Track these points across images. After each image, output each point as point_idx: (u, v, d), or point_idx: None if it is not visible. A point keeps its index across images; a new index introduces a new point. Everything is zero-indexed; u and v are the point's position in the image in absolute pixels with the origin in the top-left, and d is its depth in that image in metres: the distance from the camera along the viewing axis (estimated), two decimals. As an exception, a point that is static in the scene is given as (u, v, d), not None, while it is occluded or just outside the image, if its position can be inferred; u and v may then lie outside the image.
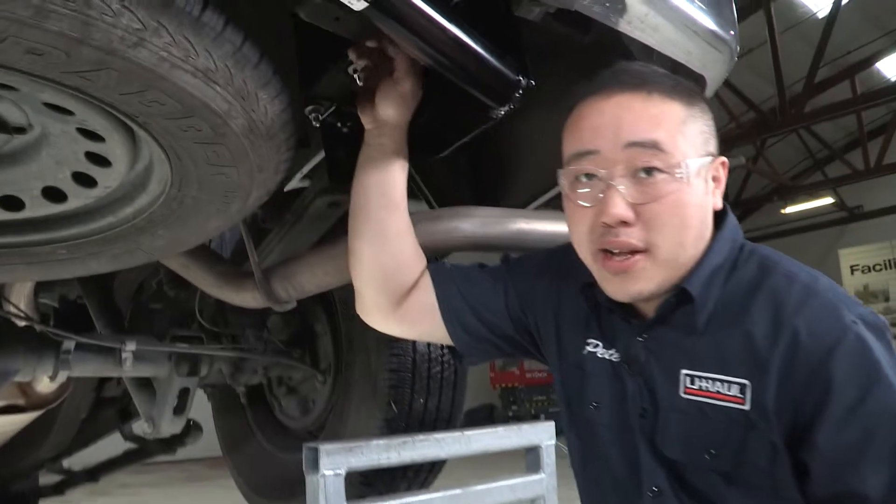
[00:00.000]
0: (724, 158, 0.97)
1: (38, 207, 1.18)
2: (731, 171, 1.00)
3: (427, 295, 1.17)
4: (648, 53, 1.11)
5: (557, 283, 1.14)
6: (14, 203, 1.16)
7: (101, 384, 2.66)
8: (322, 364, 2.13)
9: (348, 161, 1.37)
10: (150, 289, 2.41)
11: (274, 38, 0.92)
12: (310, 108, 1.19)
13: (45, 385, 2.21)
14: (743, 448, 0.88)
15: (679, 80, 0.99)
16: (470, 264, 1.25)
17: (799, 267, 0.94)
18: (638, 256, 0.90)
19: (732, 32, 1.23)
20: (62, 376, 1.68)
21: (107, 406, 2.79)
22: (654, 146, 0.89)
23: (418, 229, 1.20)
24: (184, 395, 1.86)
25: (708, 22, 1.15)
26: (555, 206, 1.58)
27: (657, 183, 0.89)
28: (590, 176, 0.93)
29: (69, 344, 1.65)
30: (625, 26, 1.03)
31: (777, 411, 0.86)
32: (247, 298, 1.56)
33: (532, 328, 1.17)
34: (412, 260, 1.17)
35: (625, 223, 0.89)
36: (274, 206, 1.60)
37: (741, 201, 12.71)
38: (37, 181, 1.12)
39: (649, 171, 0.89)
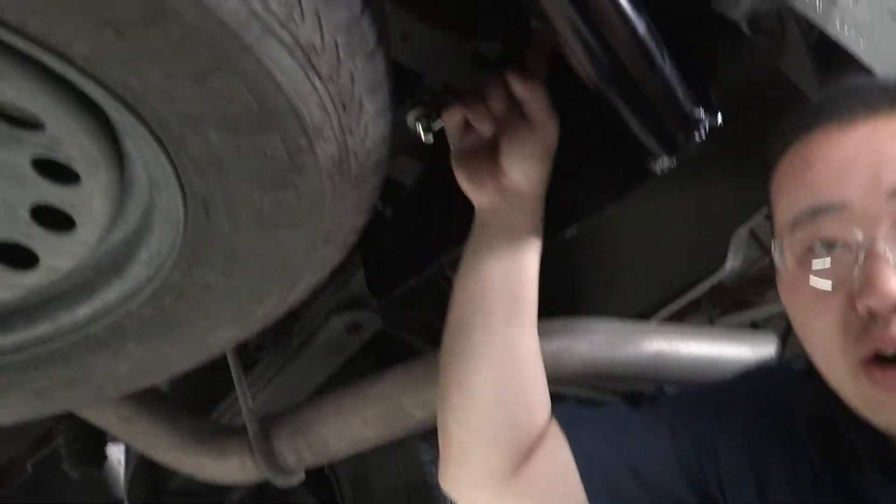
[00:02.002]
0: None
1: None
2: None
3: (559, 449, 0.82)
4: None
5: (755, 423, 0.83)
6: None
7: None
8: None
9: (394, 260, 0.97)
10: (20, 472, 1.73)
11: (385, 21, 0.57)
12: None
13: None
14: None
15: None
16: (612, 403, 0.92)
17: None
18: None
19: None
20: None
21: None
22: None
23: None
24: None
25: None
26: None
27: None
28: (831, 245, 0.65)
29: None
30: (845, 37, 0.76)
31: None
32: (232, 469, 1.09)
33: (714, 489, 0.84)
34: (543, 397, 0.83)
35: None
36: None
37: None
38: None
39: None
